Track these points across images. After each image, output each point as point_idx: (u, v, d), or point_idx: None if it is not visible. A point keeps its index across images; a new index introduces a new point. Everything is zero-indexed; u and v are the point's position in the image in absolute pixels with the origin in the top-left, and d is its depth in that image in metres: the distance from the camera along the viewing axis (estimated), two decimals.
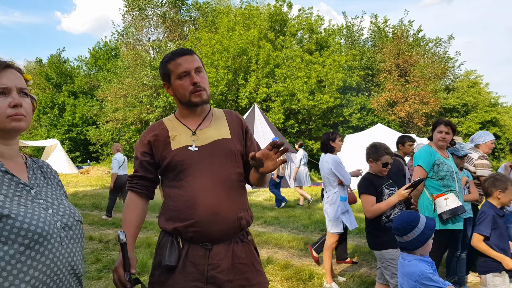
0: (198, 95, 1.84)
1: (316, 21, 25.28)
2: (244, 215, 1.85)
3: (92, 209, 10.32)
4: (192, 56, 1.86)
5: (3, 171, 1.25)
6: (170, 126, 1.91)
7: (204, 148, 1.84)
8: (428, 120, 25.40)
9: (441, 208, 3.51)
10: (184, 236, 1.78)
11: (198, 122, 1.92)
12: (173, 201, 1.81)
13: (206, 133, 1.88)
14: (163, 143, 1.86)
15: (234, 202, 1.81)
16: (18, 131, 1.27)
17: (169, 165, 1.82)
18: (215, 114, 2.00)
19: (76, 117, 30.71)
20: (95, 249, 6.07)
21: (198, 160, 1.81)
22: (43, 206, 1.28)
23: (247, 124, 2.05)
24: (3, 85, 1.23)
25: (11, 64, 1.30)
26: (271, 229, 7.58)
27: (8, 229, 1.14)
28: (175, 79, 1.86)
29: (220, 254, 1.78)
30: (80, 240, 1.36)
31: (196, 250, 1.77)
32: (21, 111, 1.24)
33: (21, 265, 1.15)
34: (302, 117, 22.27)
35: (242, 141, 1.97)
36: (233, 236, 1.83)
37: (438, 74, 27.01)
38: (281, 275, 4.80)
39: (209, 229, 1.74)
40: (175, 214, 1.79)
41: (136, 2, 28.34)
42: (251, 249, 1.91)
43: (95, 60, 35.56)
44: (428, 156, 3.66)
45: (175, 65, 1.84)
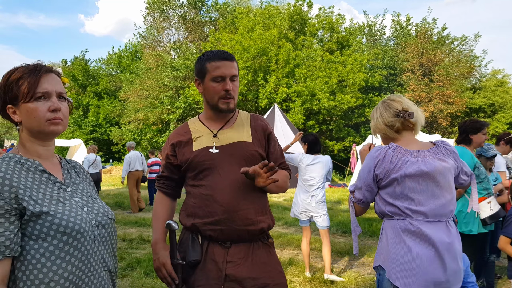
0: (226, 103, 1.87)
1: (337, 20, 25.03)
2: (263, 219, 1.87)
3: (115, 208, 10.48)
4: (232, 62, 1.89)
5: (41, 170, 1.31)
6: (193, 128, 1.97)
7: (224, 148, 1.87)
8: (453, 121, 24.83)
9: (485, 213, 3.39)
10: (202, 233, 1.83)
11: (221, 124, 1.95)
12: (193, 198, 1.87)
13: (226, 134, 1.91)
14: (185, 144, 1.92)
15: (253, 204, 1.83)
16: (55, 134, 1.32)
17: (190, 165, 1.88)
18: (240, 117, 2.01)
19: (100, 118, 31.32)
20: (119, 248, 6.15)
21: (218, 161, 1.85)
22: (79, 204, 1.33)
23: (271, 130, 2.05)
24: (44, 90, 1.28)
25: (52, 69, 1.35)
26: (292, 230, 7.53)
27: (48, 226, 1.20)
28: (209, 80, 1.88)
29: (240, 253, 1.81)
30: (112, 238, 1.42)
31: (216, 248, 1.81)
32: (59, 115, 1.29)
33: (60, 261, 1.21)
34: (322, 117, 22.08)
35: (264, 146, 1.98)
36: (253, 238, 1.85)
37: (463, 73, 26.36)
38: (303, 276, 4.74)
39: (227, 228, 1.78)
40: (195, 210, 1.85)
41: (157, 4, 28.71)
42: (272, 251, 1.93)
43: (119, 61, 36.21)
44: (471, 160, 3.54)
45: (213, 66, 1.86)
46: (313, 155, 4.73)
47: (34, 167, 1.28)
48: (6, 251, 1.13)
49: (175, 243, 1.80)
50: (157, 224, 1.97)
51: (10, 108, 1.29)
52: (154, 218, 2.01)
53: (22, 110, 1.27)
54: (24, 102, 1.26)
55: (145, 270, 4.98)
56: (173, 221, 1.80)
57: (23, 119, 1.28)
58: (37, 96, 1.26)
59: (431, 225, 1.88)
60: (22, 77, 1.27)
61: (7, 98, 1.28)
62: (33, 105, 1.26)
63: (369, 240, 6.71)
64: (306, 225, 4.80)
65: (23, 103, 1.26)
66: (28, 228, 1.18)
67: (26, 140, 1.32)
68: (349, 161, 18.74)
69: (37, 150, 1.33)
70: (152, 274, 4.83)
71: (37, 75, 1.27)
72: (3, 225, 1.13)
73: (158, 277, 1.86)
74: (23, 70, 1.29)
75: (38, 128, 1.28)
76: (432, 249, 1.84)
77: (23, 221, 1.18)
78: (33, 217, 1.18)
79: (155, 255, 1.90)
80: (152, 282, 4.56)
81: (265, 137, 1.99)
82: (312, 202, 4.67)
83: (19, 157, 1.28)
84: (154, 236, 1.95)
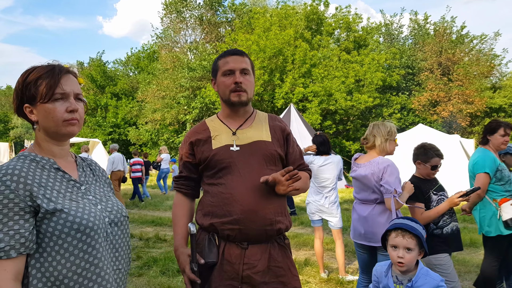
0: (237, 95, 1.87)
1: (354, 19, 24.79)
2: (281, 219, 1.85)
3: (132, 207, 10.60)
4: (242, 57, 1.91)
5: (55, 168, 1.32)
6: (211, 126, 1.95)
7: (244, 147, 1.86)
8: (473, 121, 24.32)
9: (508, 214, 3.31)
10: (220, 233, 1.81)
11: (240, 122, 1.94)
12: (211, 197, 1.85)
13: (246, 133, 1.90)
14: (204, 142, 1.90)
15: (272, 204, 1.81)
16: (71, 135, 1.33)
17: (209, 163, 1.86)
18: (258, 117, 2.01)
19: (118, 118, 31.77)
20: (136, 247, 6.21)
21: (237, 159, 1.83)
22: (92, 202, 1.34)
23: (290, 131, 2.05)
24: (62, 91, 1.29)
25: (70, 70, 1.36)
26: (308, 230, 7.49)
27: (62, 223, 1.21)
28: (220, 75, 1.91)
29: (256, 255, 1.79)
30: (126, 236, 1.42)
31: (232, 249, 1.79)
32: (76, 116, 1.30)
33: (73, 257, 1.22)
34: (339, 117, 21.88)
35: (283, 146, 1.97)
36: (270, 239, 1.83)
37: (483, 72, 25.76)
38: (319, 277, 4.71)
39: (246, 227, 1.76)
40: (212, 209, 1.82)
41: (174, 5, 28.94)
42: (288, 253, 1.91)
43: (137, 62, 36.66)
44: (493, 162, 3.45)
45: (223, 62, 1.90)
46: (324, 156, 4.71)
47: (49, 165, 1.30)
48: (21, 249, 1.14)
49: (194, 246, 1.78)
50: (176, 229, 1.95)
51: (27, 107, 1.30)
52: (173, 222, 1.99)
53: (40, 110, 1.28)
54: (42, 102, 1.27)
55: (161, 269, 5.01)
56: (193, 223, 1.79)
57: (40, 119, 1.29)
58: (56, 97, 1.27)
59: (361, 205, 3.18)
60: (40, 77, 1.28)
61: (24, 98, 1.29)
62: (51, 105, 1.27)
63: None
64: (318, 225, 4.78)
65: (41, 103, 1.27)
66: (43, 226, 1.19)
67: (42, 139, 1.33)
68: None
69: (52, 149, 1.34)
70: (169, 273, 4.87)
71: (57, 76, 1.28)
72: (18, 222, 1.15)
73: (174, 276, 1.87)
74: (41, 70, 1.30)
75: (55, 129, 1.29)
76: (357, 217, 3.19)
77: (38, 218, 1.19)
78: (47, 214, 1.19)
79: (177, 261, 1.89)
80: (168, 281, 4.59)
81: (283, 137, 1.98)
82: (326, 203, 4.65)
83: (34, 155, 1.30)
84: (175, 242, 1.94)
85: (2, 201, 1.14)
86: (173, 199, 2.07)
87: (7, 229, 1.13)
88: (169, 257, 5.39)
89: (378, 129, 3.14)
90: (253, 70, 1.97)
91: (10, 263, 1.13)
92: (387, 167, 2.97)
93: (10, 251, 1.13)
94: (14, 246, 1.13)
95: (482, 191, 3.43)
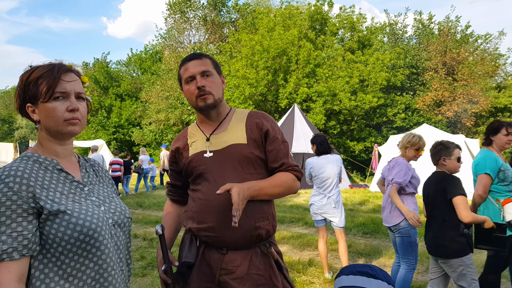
0: (202, 99, 1.80)
1: (358, 19, 24.73)
2: (262, 225, 1.75)
3: (136, 208, 10.62)
4: (201, 60, 1.83)
5: (58, 169, 1.31)
6: (190, 133, 1.94)
7: (218, 153, 1.81)
8: (478, 121, 24.18)
9: (511, 215, 3.28)
10: (198, 238, 1.81)
11: (214, 127, 1.89)
12: (193, 202, 1.85)
13: (220, 138, 1.84)
14: (183, 150, 1.91)
15: (251, 210, 1.72)
16: (73, 134, 1.32)
17: (187, 171, 1.88)
18: (235, 118, 1.90)
19: (122, 119, 31.85)
20: (140, 247, 6.22)
21: (211, 166, 1.80)
22: (95, 203, 1.33)
23: (270, 127, 1.87)
24: (63, 89, 1.27)
25: (72, 68, 1.34)
26: (312, 231, 7.46)
27: (65, 225, 1.20)
28: (184, 84, 1.86)
29: (236, 261, 1.73)
30: (127, 237, 1.41)
31: (212, 252, 1.77)
32: (77, 115, 1.29)
33: (77, 257, 1.21)
34: (343, 117, 21.84)
35: (261, 146, 1.84)
36: (251, 245, 1.76)
37: (488, 72, 25.59)
38: (323, 277, 4.70)
39: (222, 234, 1.72)
40: (192, 214, 1.83)
41: (178, 6, 28.98)
42: (271, 261, 1.80)
43: (140, 63, 36.75)
44: (494, 163, 3.42)
45: (183, 70, 1.86)
46: (323, 155, 4.74)
47: (52, 166, 1.29)
48: (24, 250, 1.14)
49: (165, 247, 1.74)
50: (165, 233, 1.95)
51: (29, 106, 1.29)
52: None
53: (41, 109, 1.27)
54: (43, 102, 1.26)
55: None
56: (161, 225, 1.74)
57: (42, 118, 1.28)
58: (56, 96, 1.26)
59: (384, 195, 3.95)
60: (41, 76, 1.27)
61: (26, 97, 1.29)
62: (51, 104, 1.26)
63: (389, 242, 6.59)
64: (321, 225, 4.79)
65: (42, 102, 1.26)
66: (46, 227, 1.19)
67: (44, 139, 1.32)
68: (370, 162, 18.48)
69: (55, 149, 1.33)
70: None
71: (57, 74, 1.27)
72: (21, 224, 1.14)
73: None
74: (42, 69, 1.29)
75: (56, 128, 1.28)
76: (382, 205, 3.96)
77: (41, 220, 1.19)
78: (50, 216, 1.18)
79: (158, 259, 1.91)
80: None
81: (261, 136, 1.84)
82: (328, 203, 4.66)
83: (37, 156, 1.29)
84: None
85: (5, 202, 1.14)
86: None
87: (10, 231, 1.13)
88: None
89: (403, 137, 3.85)
90: (217, 69, 1.88)
91: (13, 265, 1.13)
92: (396, 164, 3.73)
93: (13, 253, 1.12)
94: (17, 248, 1.12)
95: (484, 192, 3.41)
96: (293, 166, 1.89)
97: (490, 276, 3.49)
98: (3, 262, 1.12)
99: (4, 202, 1.13)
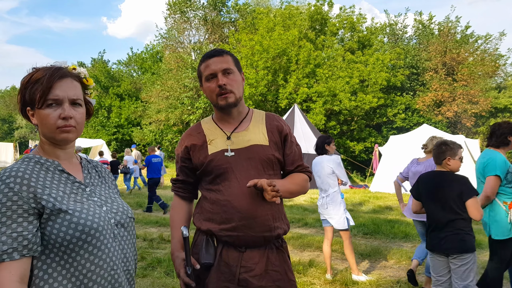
0: (223, 98, 1.79)
1: (358, 19, 24.72)
2: (279, 225, 1.83)
3: (136, 208, 10.61)
4: (222, 57, 1.82)
5: (60, 170, 1.31)
6: (207, 129, 1.90)
7: (241, 152, 1.80)
8: (478, 121, 24.18)
9: None
10: (218, 238, 1.79)
11: (235, 125, 1.88)
12: (210, 203, 1.81)
13: (242, 137, 1.84)
14: (200, 147, 1.85)
15: (270, 210, 1.78)
16: (67, 142, 1.31)
17: (206, 170, 1.82)
18: (255, 118, 1.93)
19: (122, 119, 31.87)
20: (140, 247, 6.21)
21: (234, 165, 1.78)
22: (97, 203, 1.33)
23: (288, 131, 1.94)
24: (55, 96, 1.26)
25: (69, 73, 1.32)
26: (312, 231, 7.46)
27: (66, 225, 1.20)
28: (204, 81, 1.85)
29: (254, 259, 1.77)
30: (132, 237, 1.41)
31: (230, 251, 1.77)
32: (70, 123, 1.27)
33: (79, 258, 1.21)
34: (344, 118, 21.84)
35: (281, 149, 1.90)
36: (268, 243, 1.81)
37: (488, 72, 25.60)
38: (324, 278, 4.69)
39: (244, 234, 1.74)
40: (211, 216, 1.79)
41: (178, 6, 28.97)
42: (285, 257, 1.88)
43: (141, 63, 36.76)
44: (504, 164, 3.39)
45: (204, 67, 1.84)
46: (318, 156, 4.83)
47: (53, 167, 1.29)
48: (24, 251, 1.14)
49: (188, 250, 1.75)
50: (173, 232, 1.92)
51: (29, 110, 1.30)
52: (171, 225, 1.96)
53: (37, 115, 1.28)
54: (38, 108, 1.26)
55: (166, 270, 5.01)
56: (185, 227, 1.75)
57: (38, 123, 1.29)
58: (48, 103, 1.25)
59: None
60: (38, 81, 1.26)
61: (25, 101, 1.30)
62: (44, 112, 1.26)
63: (390, 243, 6.59)
64: (325, 225, 4.80)
65: (37, 108, 1.26)
66: (47, 227, 1.18)
67: (44, 142, 1.32)
68: (370, 162, 18.47)
69: (55, 152, 1.33)
70: (173, 274, 4.86)
71: (50, 81, 1.26)
72: (21, 224, 1.14)
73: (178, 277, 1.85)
74: (40, 74, 1.28)
75: (50, 135, 1.28)
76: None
77: (42, 220, 1.18)
78: (51, 216, 1.18)
79: (173, 264, 1.86)
80: (172, 282, 4.59)
81: (281, 139, 1.90)
82: (322, 204, 4.71)
83: (39, 157, 1.29)
84: (171, 245, 1.92)
85: (6, 203, 1.13)
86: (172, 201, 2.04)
87: (10, 231, 1.12)
88: None
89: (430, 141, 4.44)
90: (238, 66, 1.87)
91: (14, 265, 1.12)
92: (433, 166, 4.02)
93: (13, 253, 1.12)
94: (17, 249, 1.12)
95: (492, 193, 3.38)
96: (306, 167, 1.99)
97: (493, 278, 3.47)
98: (4, 263, 1.11)
99: (4, 202, 1.13)
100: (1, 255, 1.11)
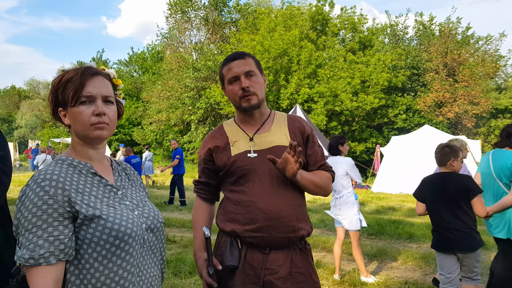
0: (246, 100, 1.82)
1: (359, 20, 24.72)
2: (303, 226, 1.83)
3: None
4: (244, 59, 1.84)
5: (92, 173, 1.30)
6: (229, 131, 1.91)
7: (264, 153, 1.81)
8: (479, 122, 24.20)
9: None
10: (242, 239, 1.79)
11: (257, 127, 1.89)
12: (233, 204, 1.82)
13: (265, 138, 1.85)
14: (223, 149, 1.87)
15: (295, 210, 1.79)
16: (101, 139, 1.30)
17: (229, 171, 1.83)
18: (277, 119, 1.95)
19: (123, 119, 31.87)
20: None
21: (257, 166, 1.80)
22: (129, 207, 1.32)
23: (310, 132, 1.96)
24: (88, 93, 1.26)
25: (100, 71, 1.33)
26: (317, 232, 7.46)
27: (100, 230, 1.19)
28: (227, 84, 1.87)
29: (279, 261, 1.77)
30: (161, 242, 1.39)
31: (255, 253, 1.77)
32: (104, 120, 1.27)
33: (111, 264, 1.20)
34: (345, 118, 21.82)
35: (303, 149, 1.91)
36: (292, 245, 1.81)
37: (489, 73, 25.61)
38: (332, 279, 4.69)
39: (269, 235, 1.74)
40: (235, 217, 1.80)
41: (179, 6, 28.96)
42: (309, 259, 1.88)
43: (142, 63, 36.73)
44: None
45: (226, 69, 1.86)
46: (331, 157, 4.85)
47: (86, 169, 1.28)
48: (61, 255, 1.13)
49: (210, 250, 1.76)
50: (196, 233, 1.95)
51: (61, 111, 1.30)
52: (193, 226, 1.99)
53: (70, 114, 1.27)
54: (71, 106, 1.26)
55: (173, 271, 5.00)
56: (207, 227, 1.76)
57: (71, 122, 1.28)
58: (82, 100, 1.25)
59: None
60: (69, 81, 1.27)
61: (58, 102, 1.29)
62: (78, 109, 1.25)
63: (395, 243, 6.60)
64: (337, 226, 4.83)
65: (70, 107, 1.26)
66: (81, 232, 1.18)
67: (76, 143, 1.31)
68: (372, 163, 18.48)
69: (87, 153, 1.32)
70: (180, 274, 4.86)
71: (82, 78, 1.26)
72: (57, 228, 1.13)
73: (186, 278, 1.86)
74: (71, 73, 1.28)
75: (83, 133, 1.27)
76: None
77: (76, 224, 1.18)
78: (86, 220, 1.17)
79: (196, 264, 1.88)
80: (181, 283, 4.59)
81: (303, 139, 1.92)
82: (335, 205, 4.72)
83: (72, 160, 1.28)
84: (194, 246, 1.94)
85: (41, 206, 1.13)
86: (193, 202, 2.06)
87: (47, 235, 1.12)
88: (180, 259, 5.38)
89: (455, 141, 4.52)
90: (259, 68, 1.90)
91: (50, 270, 1.12)
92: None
93: (50, 258, 1.11)
94: (54, 253, 1.12)
95: None
96: (329, 167, 1.99)
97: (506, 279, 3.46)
98: (40, 267, 1.11)
99: (40, 206, 1.13)
100: (38, 259, 1.10)
